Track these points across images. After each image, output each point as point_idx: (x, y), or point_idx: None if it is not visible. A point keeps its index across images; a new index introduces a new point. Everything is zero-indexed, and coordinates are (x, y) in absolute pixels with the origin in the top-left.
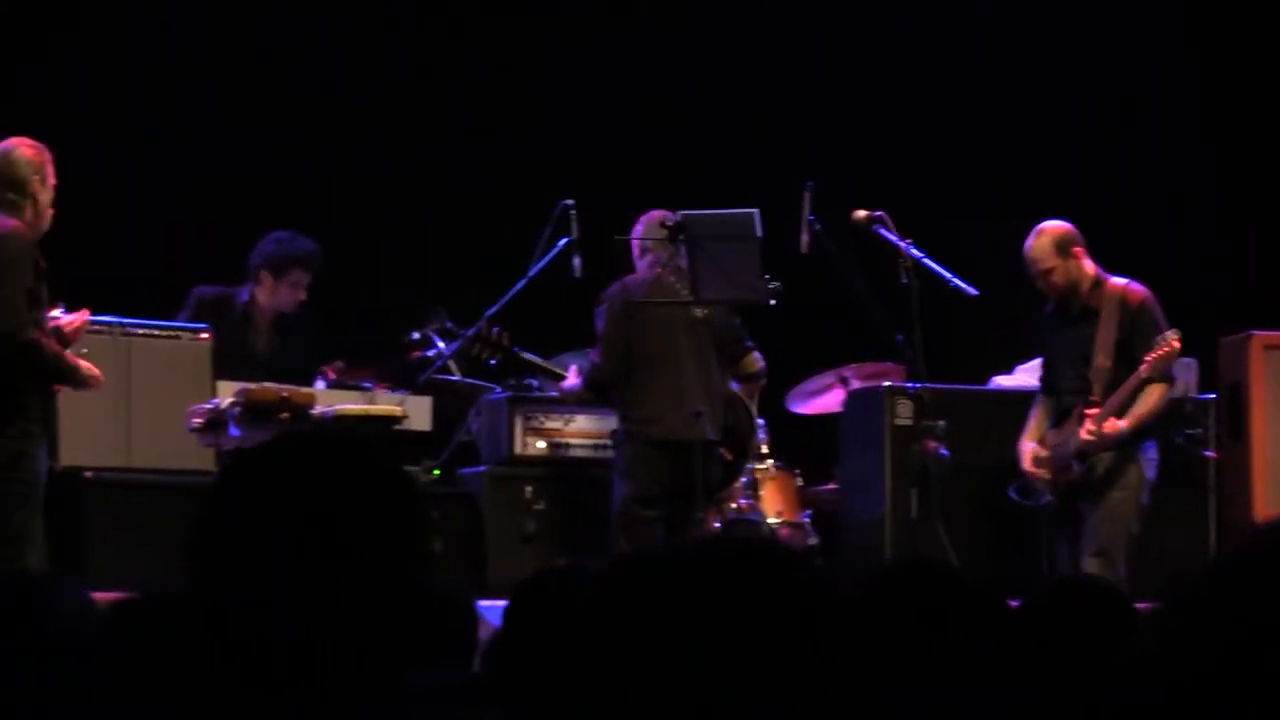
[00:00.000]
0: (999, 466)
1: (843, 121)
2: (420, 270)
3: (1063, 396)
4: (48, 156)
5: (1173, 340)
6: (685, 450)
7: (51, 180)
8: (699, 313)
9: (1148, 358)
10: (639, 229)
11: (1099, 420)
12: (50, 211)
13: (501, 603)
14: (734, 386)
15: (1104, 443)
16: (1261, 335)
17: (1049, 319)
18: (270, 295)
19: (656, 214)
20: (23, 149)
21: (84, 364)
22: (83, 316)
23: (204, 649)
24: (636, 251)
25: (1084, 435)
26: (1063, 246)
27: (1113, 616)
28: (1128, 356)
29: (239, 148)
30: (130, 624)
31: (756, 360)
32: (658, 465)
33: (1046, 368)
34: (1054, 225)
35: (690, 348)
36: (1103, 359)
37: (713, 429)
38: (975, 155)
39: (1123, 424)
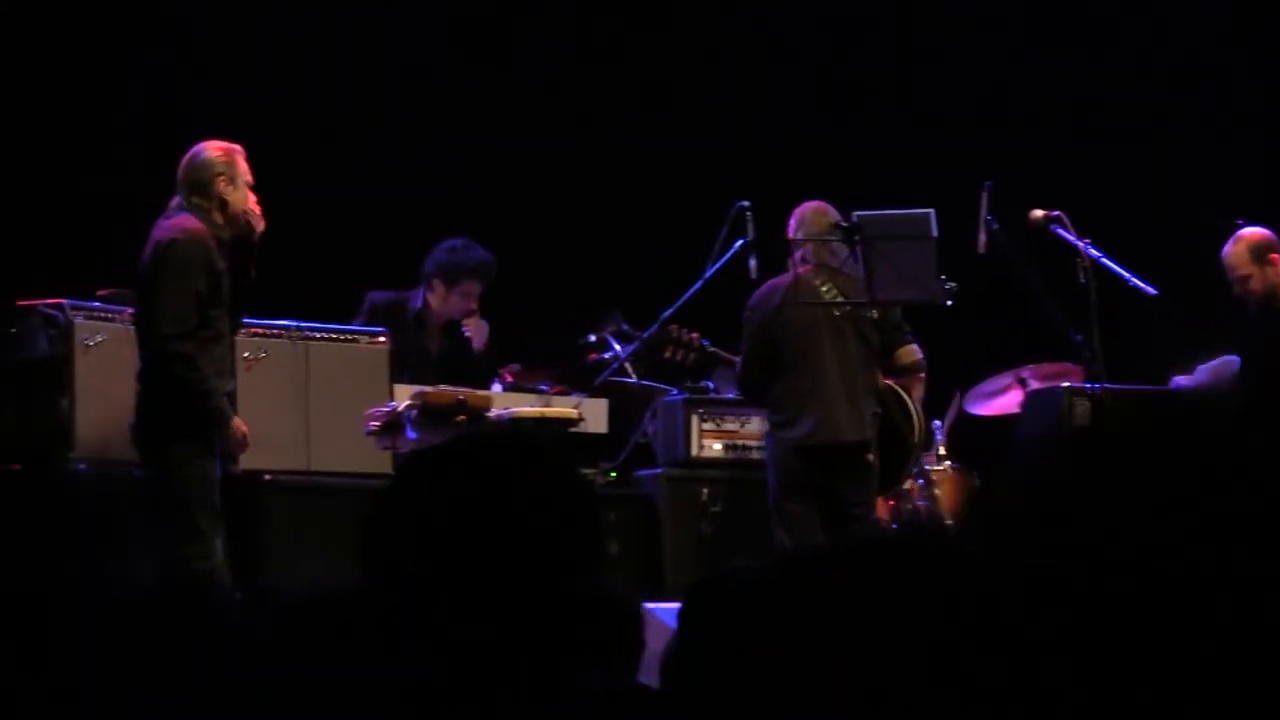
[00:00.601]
0: None
1: (1020, 119)
2: (596, 273)
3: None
4: (238, 156)
5: None
6: (821, 453)
7: (245, 179)
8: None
9: None
10: (793, 223)
11: None
12: (251, 210)
13: (676, 605)
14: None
15: None
16: None
17: (1251, 321)
18: (442, 303)
19: (810, 206)
20: (209, 150)
21: (237, 422)
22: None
23: (378, 648)
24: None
25: None
26: (1259, 253)
27: None
28: None
29: (416, 152)
30: (306, 624)
31: (914, 351)
32: (797, 467)
33: (1239, 376)
34: (1252, 232)
35: (833, 348)
36: None
37: (854, 430)
38: (1151, 154)
39: None
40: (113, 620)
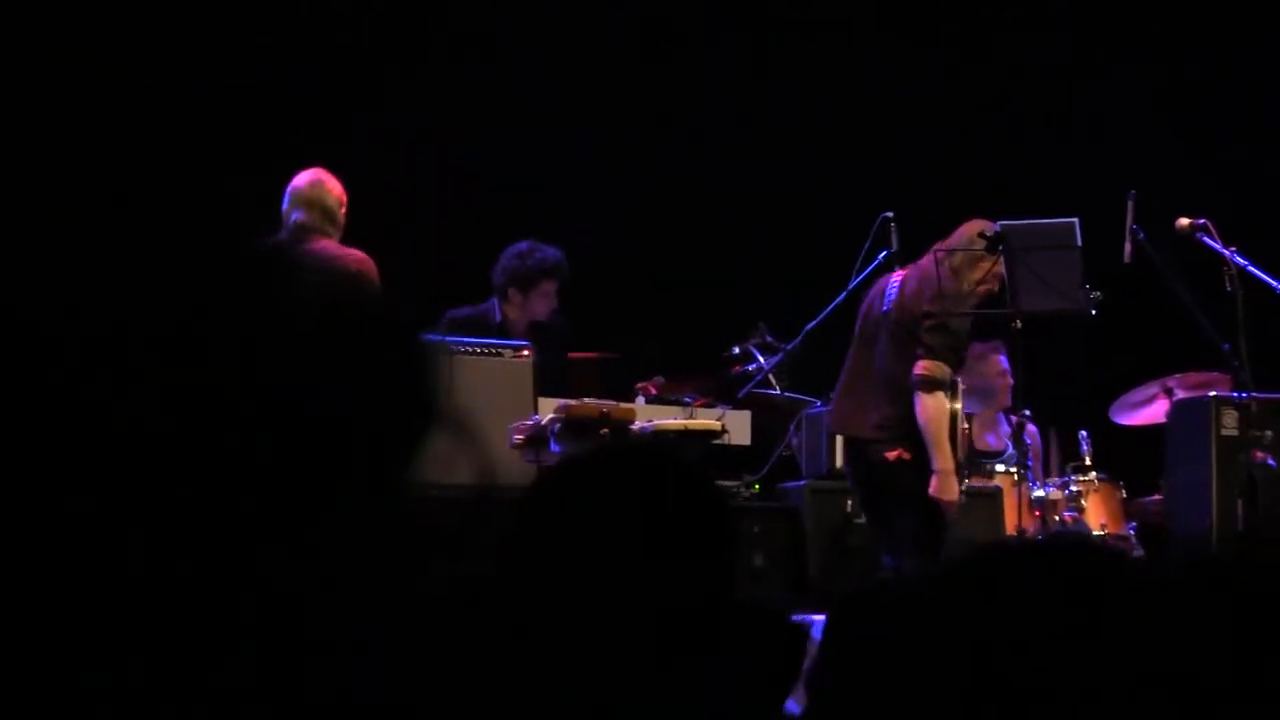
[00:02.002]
0: None
1: (1166, 129)
2: (741, 284)
3: None
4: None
5: None
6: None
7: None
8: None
9: None
10: (955, 240)
11: None
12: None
13: (822, 618)
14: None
15: None
16: None
17: None
18: (521, 310)
19: (975, 224)
20: (330, 180)
21: None
22: None
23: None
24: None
25: None
26: None
27: None
28: None
29: (552, 163)
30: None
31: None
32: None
33: None
34: None
35: (861, 347)
36: None
37: (865, 426)
38: None
39: None
40: None
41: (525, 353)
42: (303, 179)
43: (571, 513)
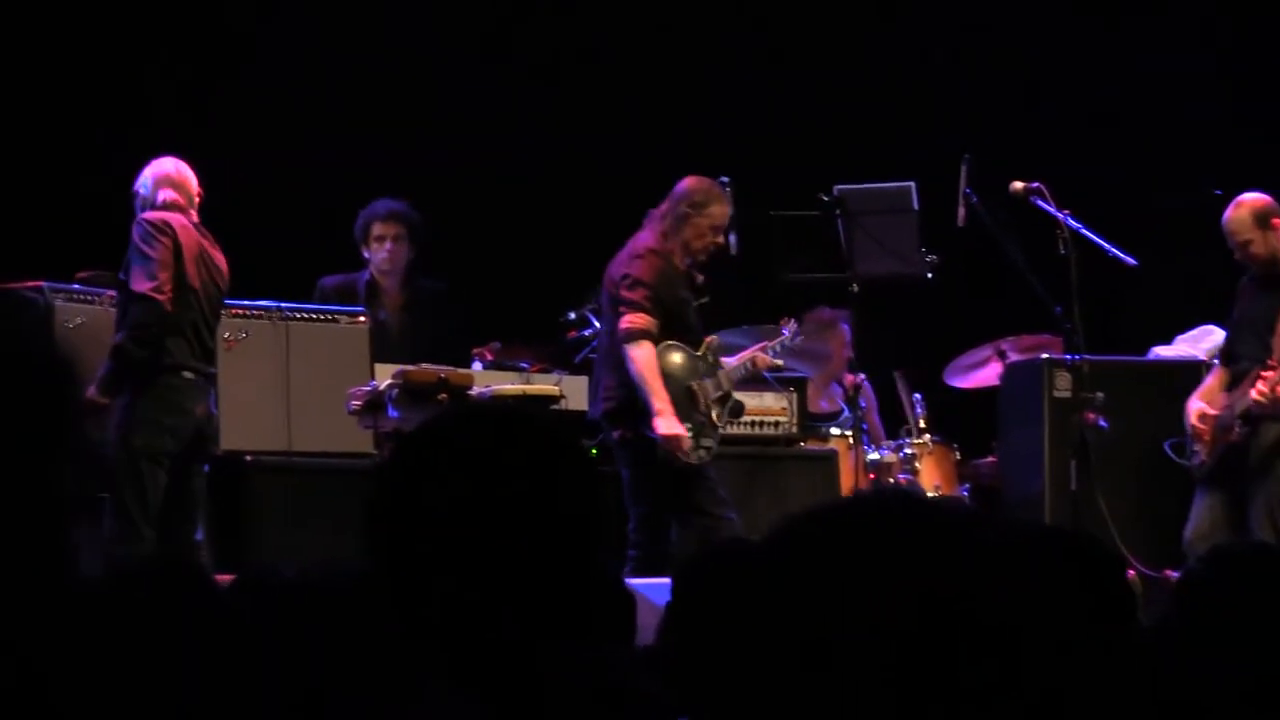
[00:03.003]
0: (1158, 437)
1: (1000, 92)
2: (576, 250)
3: (1240, 363)
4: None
5: None
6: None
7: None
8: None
9: None
10: (667, 201)
11: (1272, 383)
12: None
13: (654, 581)
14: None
15: (1274, 406)
16: None
17: (1242, 288)
18: (373, 264)
19: (686, 182)
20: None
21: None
22: None
23: (387, 626)
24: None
25: (1254, 395)
26: (1262, 218)
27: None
28: None
29: (390, 132)
30: (306, 606)
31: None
32: None
33: (1229, 338)
34: (1253, 197)
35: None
36: None
37: (593, 406)
38: (1132, 126)
39: None
40: (98, 603)
41: (361, 318)
42: (169, 163)
43: (436, 474)
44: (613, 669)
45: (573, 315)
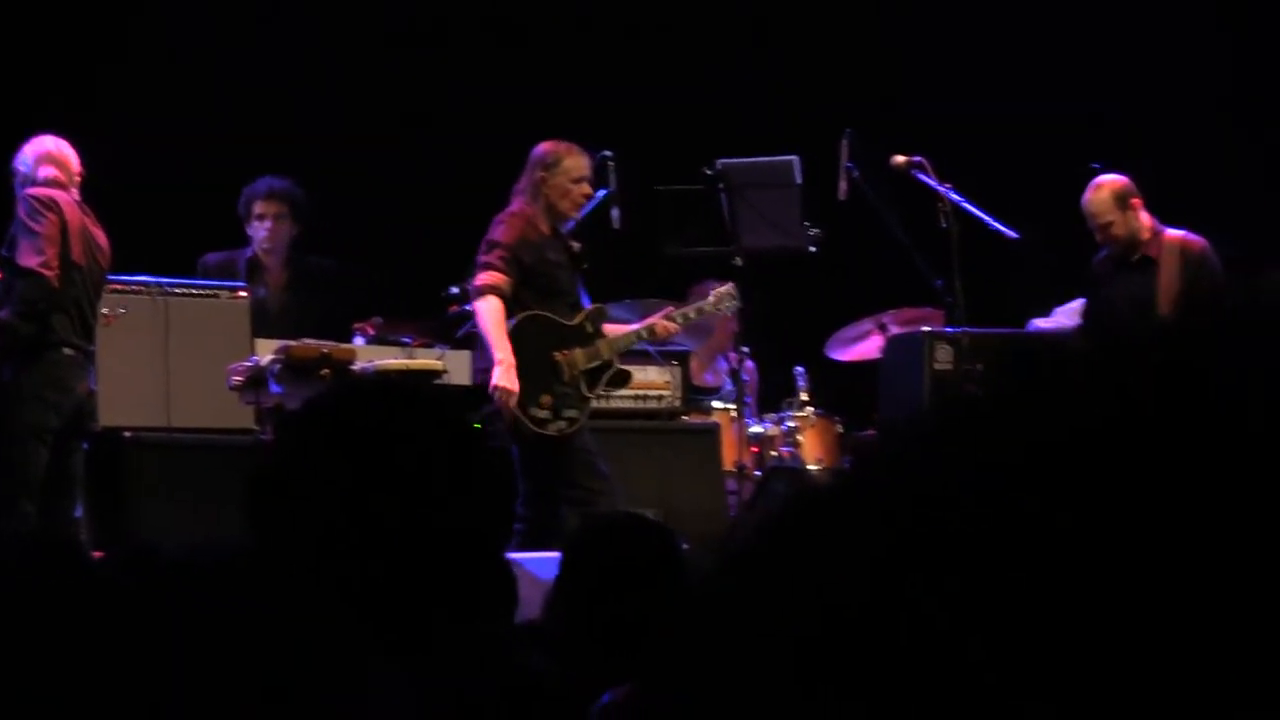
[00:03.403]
0: None
1: (883, 65)
2: (458, 224)
3: None
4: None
5: None
6: None
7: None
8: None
9: None
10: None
11: None
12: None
13: (539, 555)
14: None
15: None
16: None
17: (1100, 269)
18: (256, 242)
19: (538, 149)
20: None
21: None
22: None
23: (274, 602)
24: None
25: None
26: (1121, 199)
27: None
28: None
29: (277, 102)
30: (189, 583)
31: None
32: None
33: (1091, 318)
34: (1112, 179)
35: None
36: (1166, 307)
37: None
38: (1015, 96)
39: None
40: None
41: (242, 294)
42: (49, 141)
43: (322, 454)
44: (500, 645)
45: (454, 290)
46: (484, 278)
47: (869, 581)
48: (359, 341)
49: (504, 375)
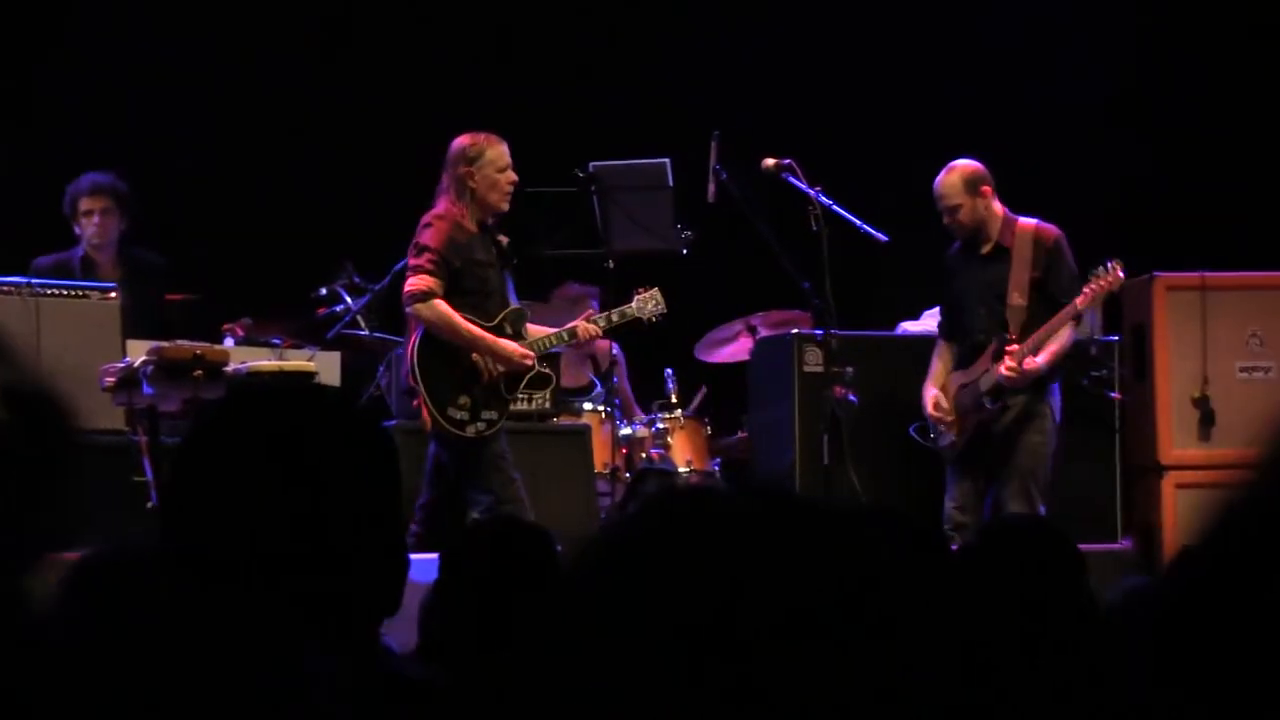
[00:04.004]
0: (907, 411)
1: (751, 68)
2: (326, 225)
3: (973, 335)
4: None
5: (1117, 270)
6: None
7: None
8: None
9: (1087, 289)
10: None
11: (1019, 357)
12: None
13: (420, 557)
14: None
15: (1023, 379)
16: (1164, 277)
17: (953, 261)
18: (85, 239)
19: (457, 143)
20: None
21: None
22: None
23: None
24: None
25: (1003, 371)
26: (972, 184)
27: (1057, 556)
28: (1043, 294)
29: (138, 100)
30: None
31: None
32: None
33: (948, 312)
34: (965, 163)
35: None
36: (1018, 297)
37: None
38: (885, 99)
39: (1041, 360)
40: None
41: (112, 294)
42: None
43: (235, 450)
44: (385, 655)
45: (324, 291)
46: (417, 283)
47: None
48: (229, 343)
49: (502, 348)
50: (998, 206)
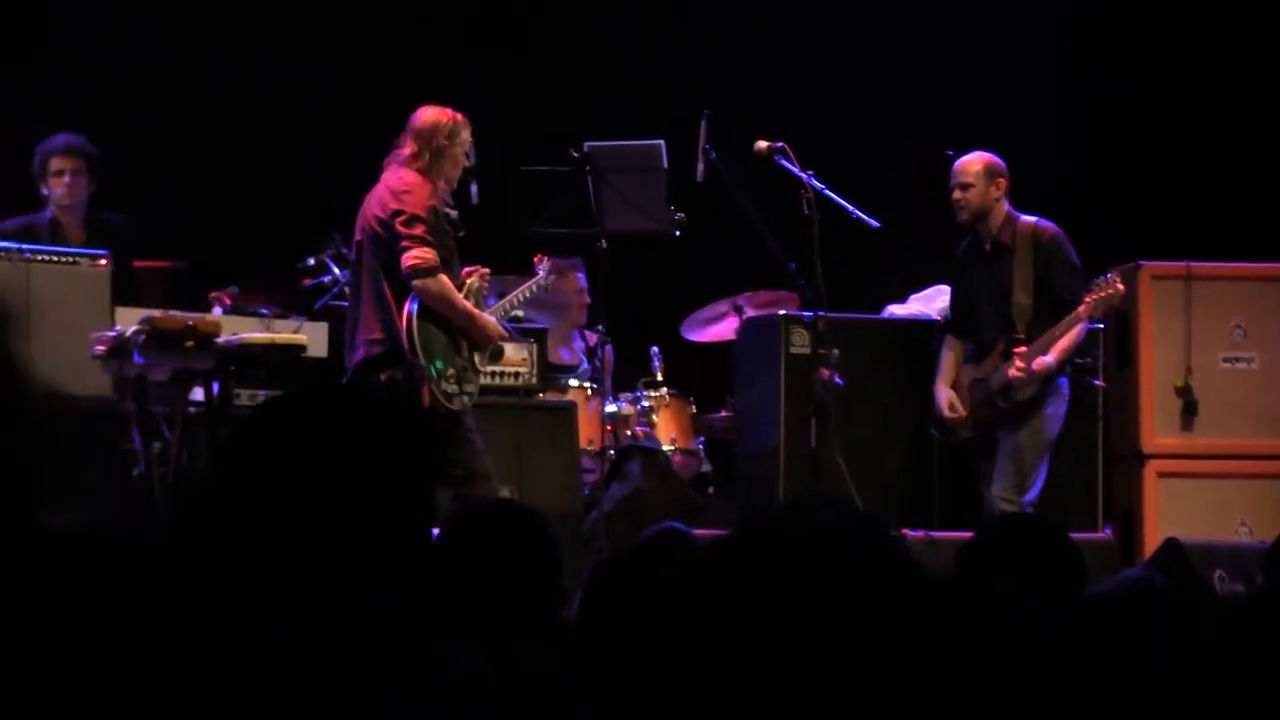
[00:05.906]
0: (892, 394)
1: (745, 50)
2: (314, 195)
3: (982, 332)
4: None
5: (1116, 283)
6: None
7: None
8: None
9: (1088, 298)
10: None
11: (1028, 358)
12: None
13: None
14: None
15: (1033, 379)
16: (1149, 265)
17: (962, 258)
18: (53, 199)
19: (428, 116)
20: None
21: None
22: None
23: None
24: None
25: (1013, 373)
26: (991, 173)
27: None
28: (1045, 293)
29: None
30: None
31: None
32: None
33: (957, 308)
34: (990, 154)
35: (353, 273)
36: (1021, 295)
37: (350, 352)
38: (875, 85)
39: (1050, 360)
40: None
41: (103, 262)
42: None
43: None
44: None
45: (311, 261)
46: (423, 255)
47: None
48: (217, 312)
49: (487, 323)
50: (1005, 205)
